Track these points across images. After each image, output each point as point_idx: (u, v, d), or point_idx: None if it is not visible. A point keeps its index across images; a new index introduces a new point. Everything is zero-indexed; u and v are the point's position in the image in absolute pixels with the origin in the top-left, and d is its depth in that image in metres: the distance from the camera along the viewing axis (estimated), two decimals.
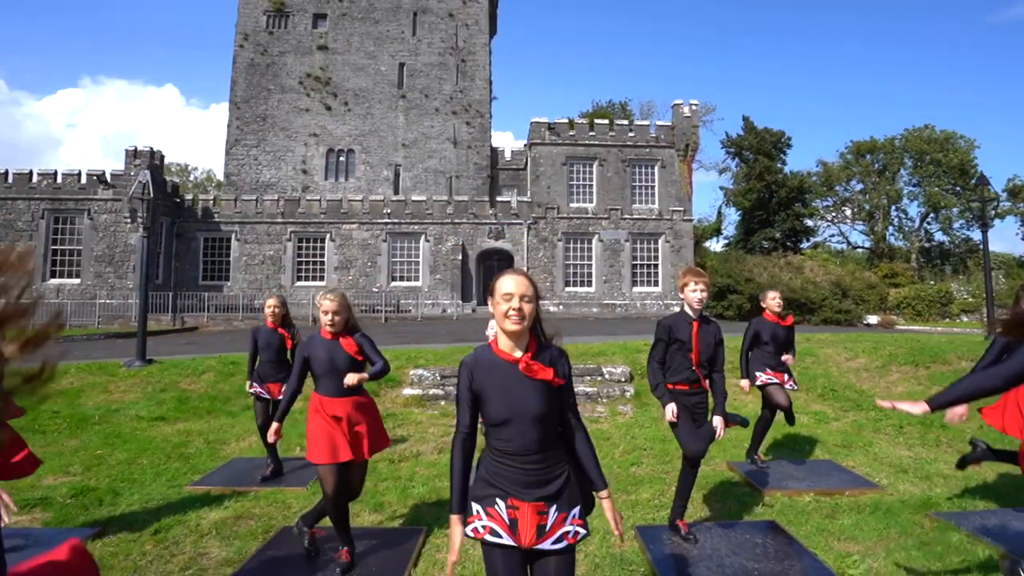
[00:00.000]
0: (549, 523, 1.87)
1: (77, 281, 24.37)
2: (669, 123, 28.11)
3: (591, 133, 27.53)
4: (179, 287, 24.62)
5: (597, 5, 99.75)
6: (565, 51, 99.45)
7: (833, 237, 44.28)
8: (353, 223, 26.27)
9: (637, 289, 26.54)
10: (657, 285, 26.50)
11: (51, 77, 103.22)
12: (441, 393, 8.01)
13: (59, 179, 24.70)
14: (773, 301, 5.12)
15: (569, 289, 26.43)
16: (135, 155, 25.08)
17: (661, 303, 25.71)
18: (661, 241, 26.88)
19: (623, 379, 8.62)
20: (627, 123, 28.46)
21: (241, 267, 25.99)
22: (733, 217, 39.48)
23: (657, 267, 26.65)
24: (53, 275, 24.39)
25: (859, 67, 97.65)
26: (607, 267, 26.60)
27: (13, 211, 24.21)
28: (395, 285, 25.78)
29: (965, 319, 23.90)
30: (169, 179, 27.04)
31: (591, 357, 9.51)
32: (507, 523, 1.87)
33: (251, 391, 5.10)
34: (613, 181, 27.15)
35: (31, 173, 24.62)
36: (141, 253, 23.92)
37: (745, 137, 37.29)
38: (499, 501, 1.89)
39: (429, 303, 25.00)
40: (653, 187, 27.46)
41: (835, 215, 43.44)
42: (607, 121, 28.45)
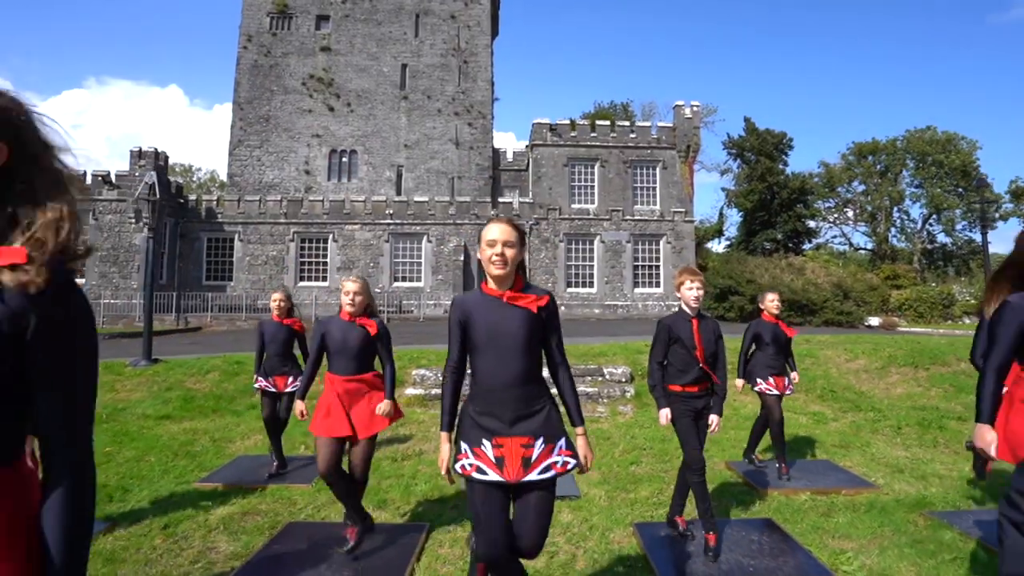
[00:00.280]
0: (535, 455, 1.98)
1: (82, 281, 24.51)
2: (671, 124, 28.17)
3: (593, 134, 27.61)
4: (183, 287, 24.74)
5: (599, 6, 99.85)
6: (567, 52, 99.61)
7: (835, 239, 44.27)
8: (356, 224, 26.38)
9: (639, 290, 26.60)
10: (659, 286, 26.56)
11: (56, 78, 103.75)
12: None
13: None
14: (772, 303, 5.17)
15: (571, 290, 26.50)
16: (140, 156, 25.23)
17: (663, 304, 25.76)
18: (662, 242, 26.94)
19: (624, 379, 8.69)
20: (629, 124, 28.52)
21: (244, 267, 26.12)
22: (735, 218, 39.50)
23: (659, 268, 26.72)
24: None
25: (861, 68, 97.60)
26: (608, 268, 26.66)
27: None
28: (397, 286, 25.88)
29: (967, 321, 23.89)
30: (173, 180, 27.18)
31: (592, 358, 9.58)
32: (493, 461, 1.99)
33: (256, 386, 5.17)
34: (615, 182, 27.22)
35: None
36: (146, 254, 24.05)
37: (747, 138, 37.32)
38: (485, 441, 2.02)
39: (431, 303, 25.09)
40: (654, 188, 27.52)
41: (837, 216, 43.41)
42: (608, 122, 28.52)
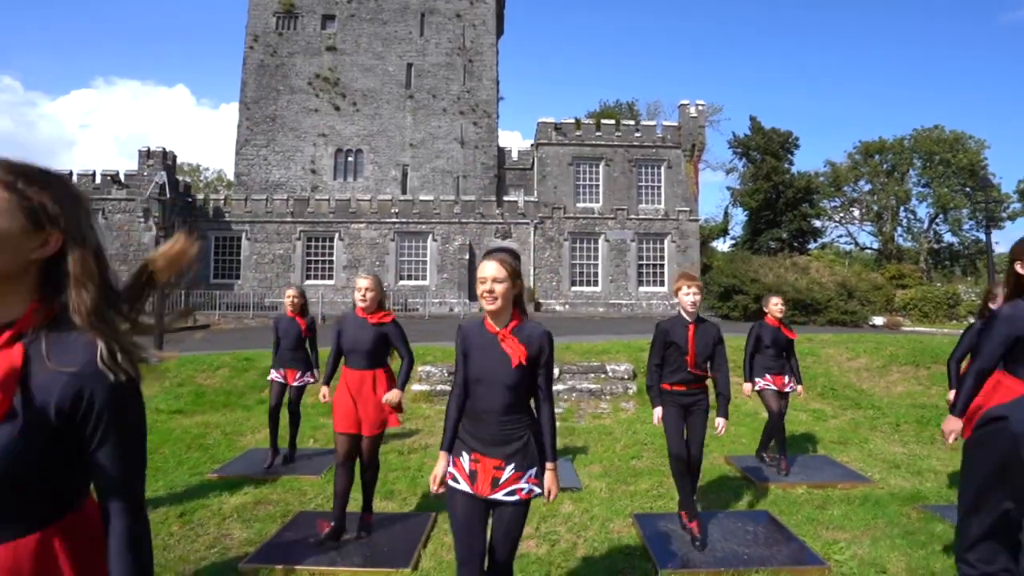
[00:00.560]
0: (503, 478, 2.14)
1: None
2: (675, 123, 28.19)
3: (597, 133, 27.67)
4: (191, 285, 24.99)
5: (604, 5, 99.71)
6: (572, 51, 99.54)
7: (841, 238, 44.14)
8: (361, 222, 26.56)
9: (643, 289, 26.67)
10: (663, 285, 26.62)
11: (65, 78, 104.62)
12: (448, 389, 8.22)
13: (74, 179, 25.14)
14: (776, 307, 5.24)
15: (575, 289, 26.59)
16: (148, 155, 25.50)
17: (667, 303, 25.82)
18: (667, 241, 26.98)
19: (626, 376, 8.80)
20: (633, 123, 28.57)
21: (251, 266, 26.35)
22: (740, 217, 39.48)
23: (663, 267, 26.77)
24: None
25: (867, 67, 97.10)
26: (613, 267, 26.74)
27: None
28: (403, 284, 26.04)
29: (972, 321, 23.82)
30: (181, 179, 27.47)
31: (595, 355, 9.70)
32: (467, 473, 2.18)
33: (269, 378, 5.40)
34: (619, 181, 27.28)
35: None
36: None
37: (752, 137, 37.27)
38: (465, 454, 2.20)
39: (436, 302, 25.25)
40: (659, 187, 27.56)
41: (843, 216, 43.26)
42: (613, 121, 28.57)
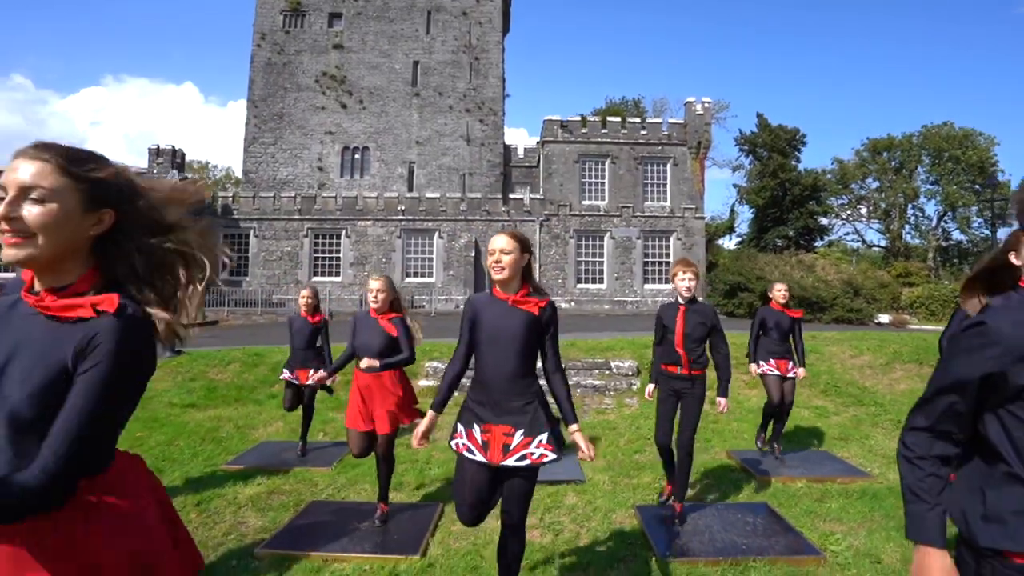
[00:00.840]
0: (513, 443, 2.29)
1: None
2: (682, 121, 28.18)
3: (603, 131, 27.70)
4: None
5: (610, 3, 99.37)
6: (578, 48, 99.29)
7: (848, 235, 43.89)
8: (368, 220, 26.73)
9: (648, 286, 26.73)
10: (668, 282, 26.62)
11: (75, 76, 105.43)
12: None
13: None
14: (779, 292, 5.43)
15: (581, 286, 26.68)
16: (158, 153, 25.79)
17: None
18: (673, 239, 27.01)
19: (630, 373, 8.89)
20: (639, 121, 28.57)
21: (259, 263, 26.59)
22: (746, 215, 39.37)
23: (668, 264, 26.77)
24: None
25: (875, 64, 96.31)
26: (618, 264, 26.80)
27: None
28: (409, 281, 26.20)
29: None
30: (189, 176, 27.68)
31: (600, 352, 9.79)
32: (480, 444, 2.33)
33: (282, 378, 5.51)
34: (625, 179, 27.32)
35: None
36: None
37: (759, 134, 37.11)
38: (476, 426, 2.35)
39: (443, 298, 25.40)
40: (665, 185, 27.57)
41: (850, 213, 43.02)
42: (619, 119, 28.59)
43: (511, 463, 2.28)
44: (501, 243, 2.37)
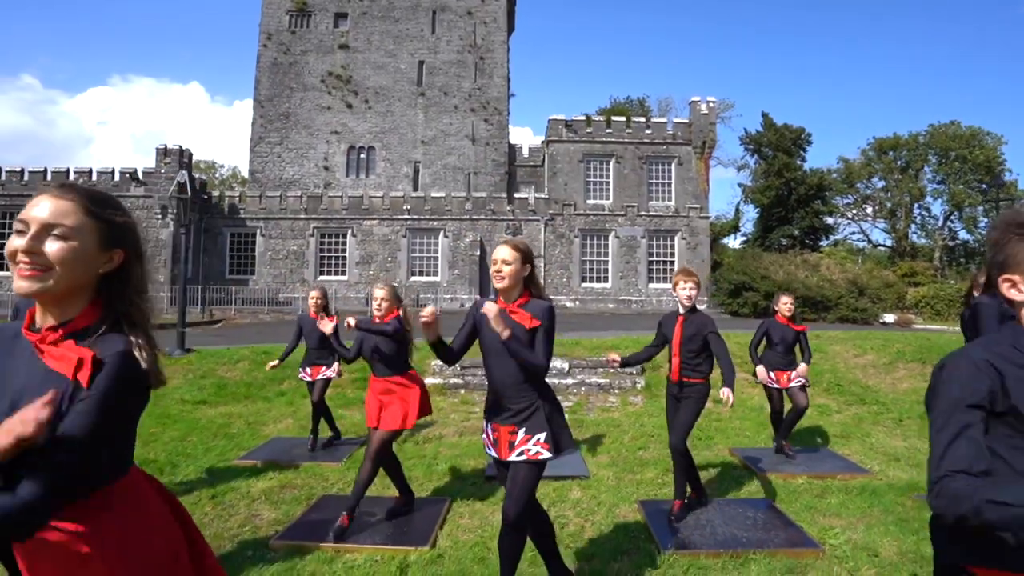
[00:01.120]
0: (517, 441, 2.47)
1: None
2: (686, 120, 28.17)
3: (608, 130, 27.73)
4: (207, 281, 25.44)
5: (615, 2, 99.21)
6: (583, 48, 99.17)
7: (854, 235, 43.78)
8: (374, 219, 26.86)
9: (653, 285, 26.76)
10: (671, 289, 26.68)
11: (83, 76, 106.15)
12: (461, 383, 8.45)
13: (94, 176, 25.69)
14: (784, 306, 5.38)
15: (585, 285, 26.73)
16: (165, 153, 25.98)
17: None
18: (677, 238, 27.03)
19: (634, 371, 8.97)
20: (644, 120, 28.58)
21: (266, 262, 26.77)
22: (751, 214, 39.30)
23: (673, 264, 26.82)
24: None
25: (881, 63, 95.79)
26: (623, 263, 26.84)
27: None
28: (414, 280, 26.33)
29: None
30: (197, 176, 27.89)
31: (605, 351, 9.86)
32: (492, 441, 2.55)
33: (299, 377, 5.84)
34: (630, 178, 27.35)
35: (68, 171, 25.66)
36: (176, 248, 24.70)
37: (764, 134, 37.05)
38: (488, 426, 2.56)
39: (448, 298, 25.51)
40: (670, 184, 27.59)
41: (856, 213, 42.89)
42: (624, 118, 28.60)
43: (514, 458, 2.46)
44: (503, 254, 2.51)
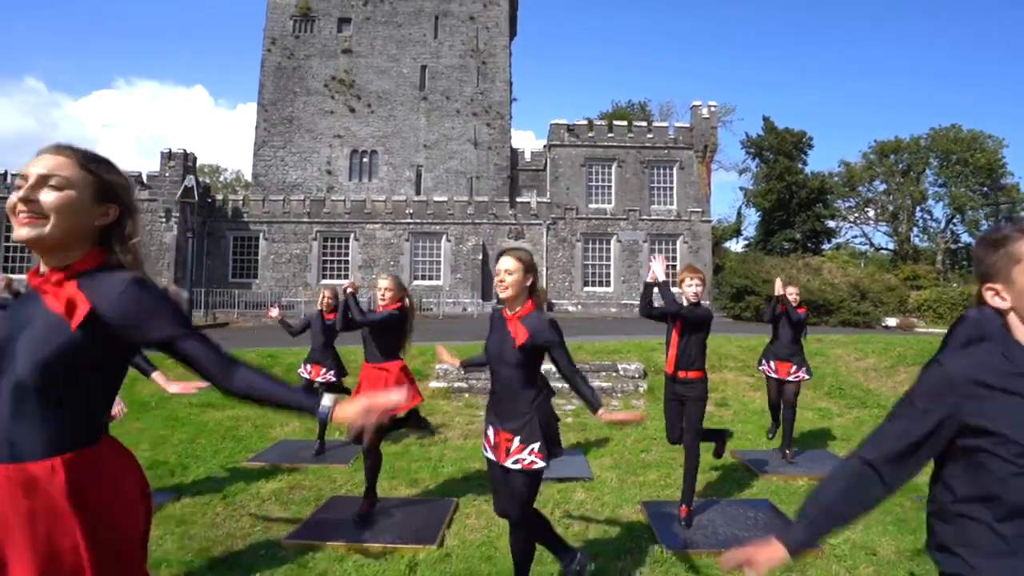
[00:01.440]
0: (512, 447, 2.54)
1: None
2: (688, 124, 28.29)
3: (610, 135, 27.87)
4: (210, 284, 25.59)
5: (616, 6, 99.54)
6: (584, 52, 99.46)
7: (856, 238, 43.78)
8: (376, 223, 27.01)
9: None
10: (675, 286, 26.69)
11: (87, 79, 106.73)
12: (465, 386, 8.53)
13: None
14: (791, 296, 5.64)
15: (588, 289, 26.82)
16: (170, 157, 26.15)
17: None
18: (679, 242, 27.11)
19: (637, 375, 9.05)
20: (646, 124, 28.72)
21: (269, 265, 26.93)
22: (753, 218, 39.42)
23: (675, 268, 26.86)
24: None
25: (882, 66, 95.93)
26: (625, 267, 26.93)
27: None
28: (417, 284, 26.43)
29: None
30: (200, 179, 28.07)
31: (607, 355, 9.95)
32: (492, 444, 2.63)
33: (298, 372, 5.77)
34: (631, 182, 27.46)
35: None
36: (181, 252, 24.79)
37: (765, 137, 37.19)
38: (490, 428, 2.64)
39: (450, 302, 25.61)
40: (671, 188, 27.69)
41: (857, 216, 42.92)
42: (626, 123, 28.74)
43: (509, 464, 2.54)
44: (505, 264, 2.56)
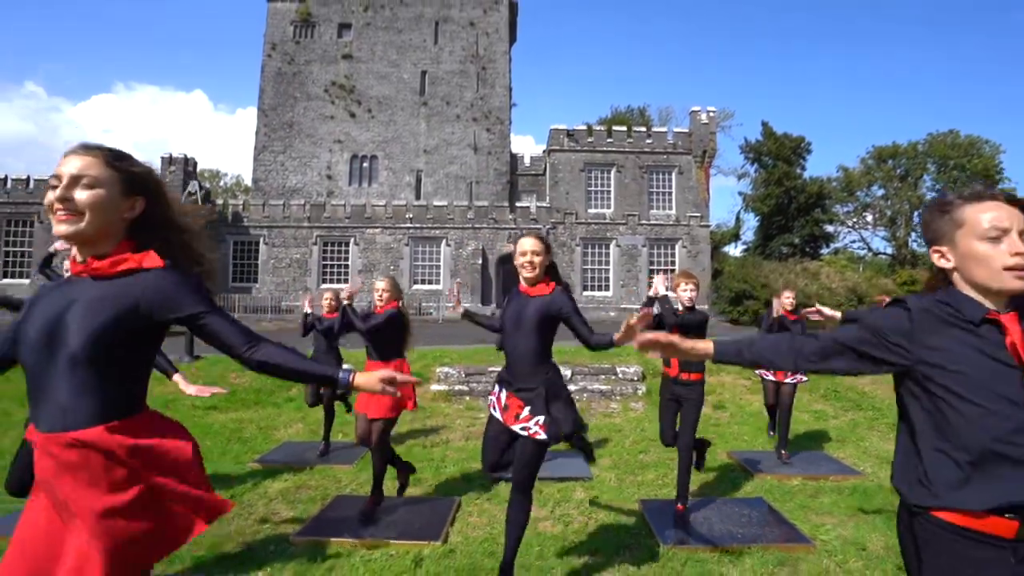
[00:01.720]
0: (522, 415, 2.68)
1: None
2: (687, 129, 28.50)
3: (609, 140, 28.06)
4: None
5: (616, 12, 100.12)
6: (584, 57, 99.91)
7: (854, 243, 44.00)
8: (376, 227, 27.14)
9: None
10: (672, 291, 26.87)
11: (87, 83, 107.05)
12: (466, 389, 8.64)
13: None
14: (787, 300, 5.72)
15: (587, 293, 26.94)
16: (170, 162, 26.31)
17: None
18: (678, 247, 27.27)
19: (635, 378, 9.17)
20: (645, 130, 28.92)
21: (269, 270, 27.03)
22: (752, 223, 39.58)
23: (674, 273, 27.05)
24: None
25: (881, 71, 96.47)
26: (624, 272, 27.07)
27: None
28: (417, 288, 26.54)
29: None
30: (202, 184, 28.21)
31: (606, 358, 10.06)
32: (502, 404, 2.76)
33: None
34: (631, 187, 27.64)
35: None
36: None
37: (764, 142, 37.39)
38: (503, 390, 2.78)
39: (450, 306, 25.59)
40: (670, 193, 27.87)
41: (856, 221, 43.17)
42: (625, 128, 28.95)
43: (516, 429, 2.69)
44: (531, 245, 2.72)
